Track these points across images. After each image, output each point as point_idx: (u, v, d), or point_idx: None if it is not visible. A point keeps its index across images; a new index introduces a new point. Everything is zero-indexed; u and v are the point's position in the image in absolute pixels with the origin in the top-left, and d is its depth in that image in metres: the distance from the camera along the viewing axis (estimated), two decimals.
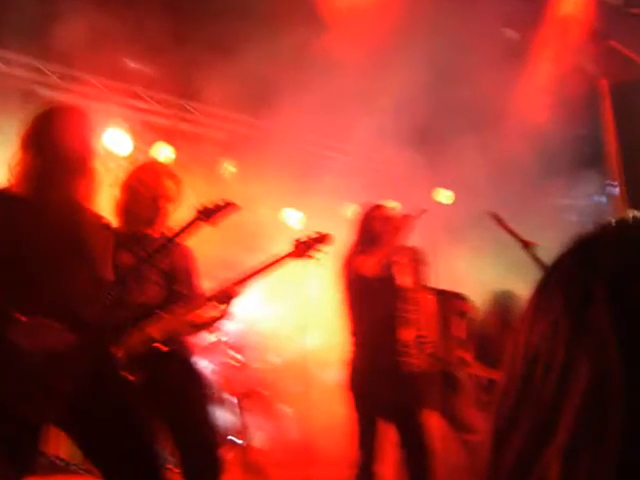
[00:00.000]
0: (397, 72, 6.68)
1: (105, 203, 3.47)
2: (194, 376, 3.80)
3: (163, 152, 7.34)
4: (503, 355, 0.84)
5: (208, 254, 4.84)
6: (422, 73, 6.47)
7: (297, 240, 3.88)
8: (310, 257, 3.89)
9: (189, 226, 3.41)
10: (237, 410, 6.31)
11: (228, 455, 5.11)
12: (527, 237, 4.32)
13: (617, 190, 5.82)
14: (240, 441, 6.17)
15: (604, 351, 0.72)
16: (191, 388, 3.72)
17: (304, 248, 3.86)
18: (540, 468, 0.74)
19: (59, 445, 4.57)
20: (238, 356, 6.61)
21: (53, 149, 2.95)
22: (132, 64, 7.30)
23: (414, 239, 4.65)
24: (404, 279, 4.52)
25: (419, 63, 6.41)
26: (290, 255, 3.83)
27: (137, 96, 7.61)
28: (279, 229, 7.62)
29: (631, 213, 0.82)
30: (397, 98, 6.68)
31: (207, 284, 3.83)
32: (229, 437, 6.03)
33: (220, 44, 6.51)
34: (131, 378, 3.08)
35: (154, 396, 3.46)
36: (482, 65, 6.58)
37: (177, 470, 3.66)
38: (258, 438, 6.53)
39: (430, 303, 4.67)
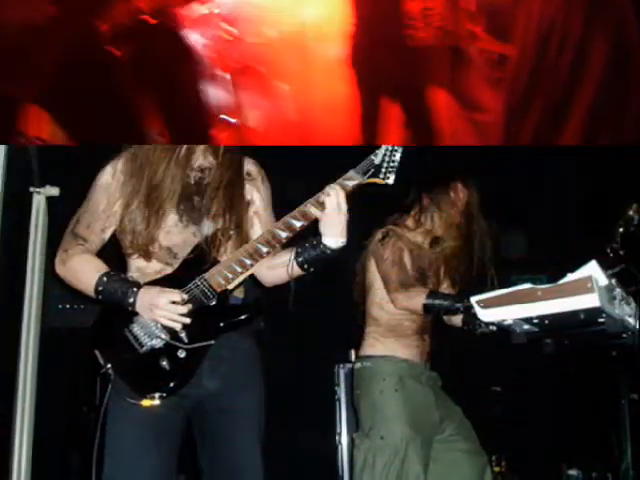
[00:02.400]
0: None
1: None
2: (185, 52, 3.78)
3: None
4: (515, 27, 0.84)
5: None
6: None
7: None
8: None
9: None
10: (231, 87, 6.35)
11: (222, 135, 5.25)
12: None
13: None
14: (234, 120, 6.29)
15: (623, 29, 0.73)
16: None
17: None
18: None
19: None
20: (232, 29, 6.51)
21: None
22: None
23: None
24: None
25: None
26: None
27: None
28: None
29: None
30: None
31: None
32: (222, 116, 6.14)
33: None
34: (117, 53, 3.08)
35: (141, 72, 3.47)
36: None
37: None
38: (253, 117, 6.65)
39: None
